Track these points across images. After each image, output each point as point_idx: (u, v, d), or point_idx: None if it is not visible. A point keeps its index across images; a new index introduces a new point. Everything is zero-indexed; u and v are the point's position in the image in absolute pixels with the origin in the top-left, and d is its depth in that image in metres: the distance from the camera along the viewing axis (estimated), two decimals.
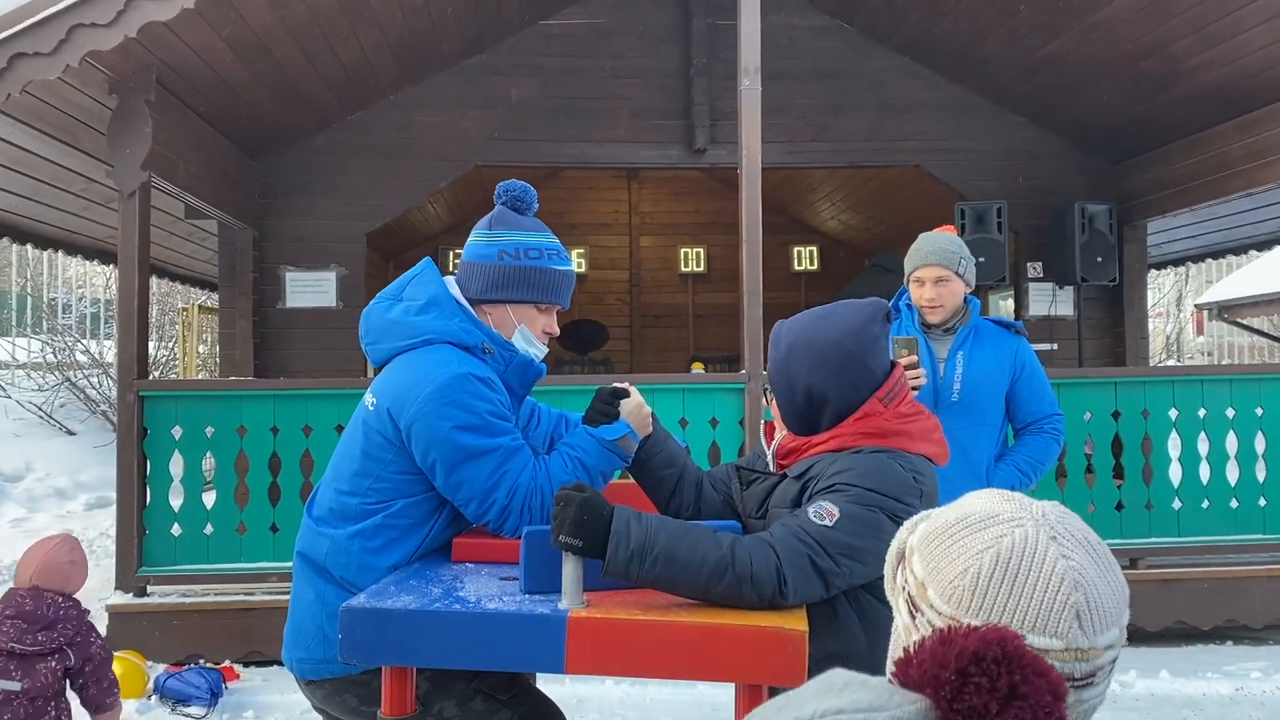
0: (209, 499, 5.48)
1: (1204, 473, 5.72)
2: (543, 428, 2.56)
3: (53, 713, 2.89)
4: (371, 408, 2.19)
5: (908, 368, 3.21)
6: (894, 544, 1.13)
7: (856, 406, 2.00)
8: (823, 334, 2.01)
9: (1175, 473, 5.76)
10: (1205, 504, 5.67)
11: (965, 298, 3.52)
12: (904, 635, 1.07)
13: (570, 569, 1.80)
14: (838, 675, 0.87)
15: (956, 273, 3.44)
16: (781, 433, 2.13)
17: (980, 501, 1.08)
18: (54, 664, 2.85)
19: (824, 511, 1.84)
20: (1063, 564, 1.00)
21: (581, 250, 12.29)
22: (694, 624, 1.73)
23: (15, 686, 2.79)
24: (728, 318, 12.12)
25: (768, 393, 2.15)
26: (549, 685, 3.22)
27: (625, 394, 2.32)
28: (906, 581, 1.08)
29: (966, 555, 1.02)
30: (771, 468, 2.16)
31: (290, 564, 5.20)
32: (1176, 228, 9.72)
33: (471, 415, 2.08)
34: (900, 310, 3.59)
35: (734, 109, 5.73)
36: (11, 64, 4.59)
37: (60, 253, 9.20)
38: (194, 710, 4.50)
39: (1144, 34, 6.25)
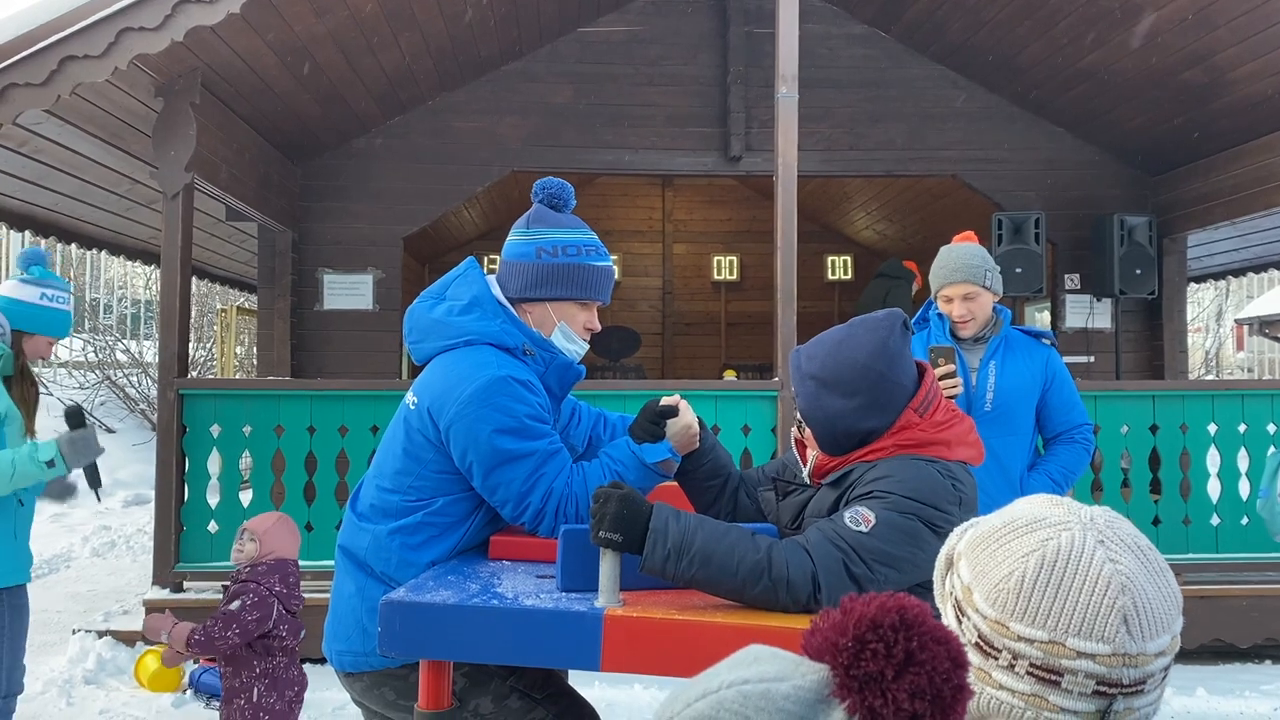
0: (246, 497, 5.56)
1: (1243, 489, 5.64)
2: (583, 426, 2.56)
3: None
4: (413, 407, 2.21)
5: (943, 377, 3.22)
6: (943, 550, 1.13)
7: (893, 421, 1.98)
8: (847, 361, 1.96)
9: (1214, 488, 5.69)
10: (1244, 520, 5.59)
11: (994, 307, 3.53)
12: None
13: (607, 567, 1.81)
14: (752, 650, 0.88)
15: (983, 286, 3.45)
16: (815, 451, 2.10)
17: (1028, 506, 1.07)
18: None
19: (860, 517, 1.83)
20: (1109, 568, 0.99)
21: (615, 257, 12.29)
22: (729, 624, 1.73)
23: (304, 633, 3.37)
24: (760, 326, 12.11)
25: (802, 428, 2.11)
26: (579, 688, 3.22)
27: (673, 413, 2.26)
28: (954, 587, 1.08)
29: (1012, 559, 1.02)
30: (806, 482, 2.16)
31: (325, 563, 5.26)
32: (1217, 241, 9.60)
33: (509, 418, 2.09)
34: (930, 320, 3.60)
35: (770, 117, 5.74)
36: (62, 66, 4.68)
37: (103, 253, 9.34)
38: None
39: (1187, 44, 6.18)
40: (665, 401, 2.28)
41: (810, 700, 0.82)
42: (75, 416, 3.17)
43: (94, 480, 3.22)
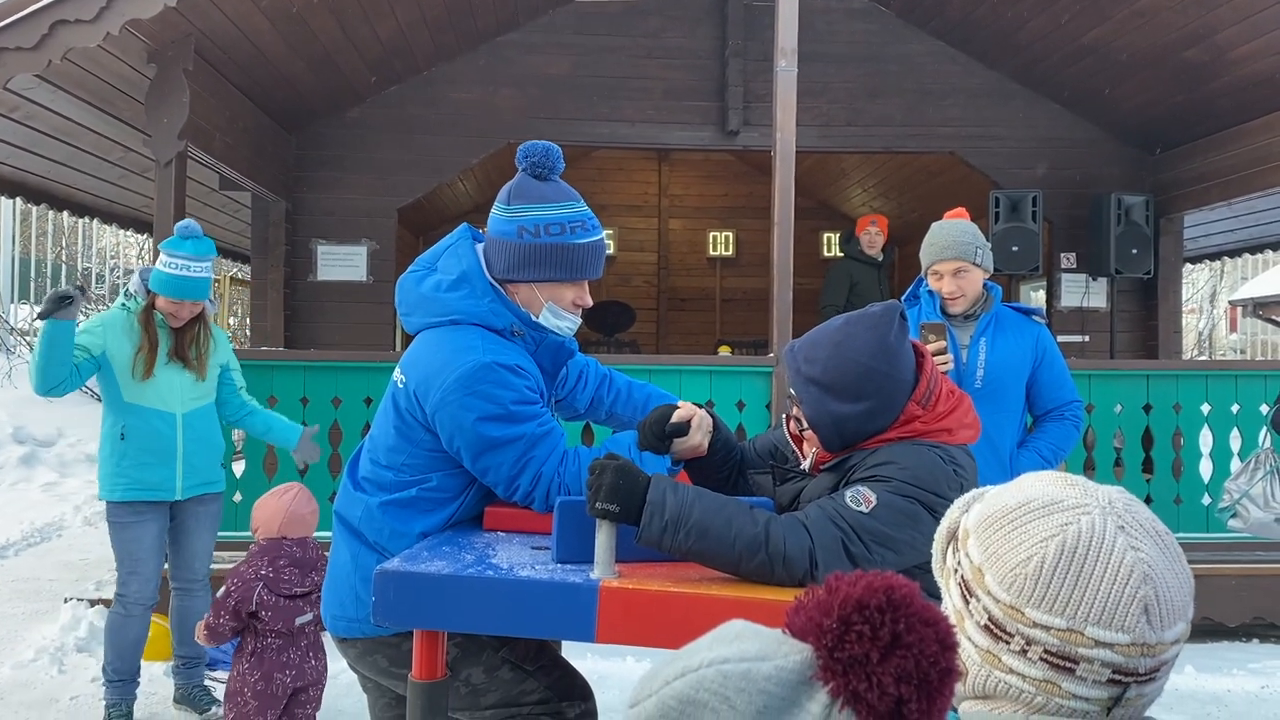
0: (238, 468, 5.54)
1: (1235, 469, 5.65)
2: (588, 390, 2.52)
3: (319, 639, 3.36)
4: (401, 385, 2.18)
5: (936, 354, 3.22)
6: (944, 523, 1.10)
7: (898, 416, 1.96)
8: (850, 364, 1.92)
9: (1206, 468, 5.71)
10: (1221, 515, 5.61)
11: (985, 284, 3.53)
12: (955, 620, 1.03)
13: (603, 539, 1.81)
14: (732, 626, 0.85)
15: (974, 262, 3.45)
16: (815, 448, 2.06)
17: (1041, 485, 1.04)
18: (316, 597, 3.22)
19: (861, 498, 1.83)
20: (1131, 555, 0.96)
21: (610, 232, 12.25)
22: (725, 597, 1.73)
23: (309, 617, 3.22)
24: (755, 303, 12.09)
25: (801, 426, 2.06)
26: (571, 660, 3.23)
27: (683, 432, 2.13)
28: (960, 564, 1.05)
29: (1029, 543, 0.99)
30: (805, 470, 2.14)
31: (320, 534, 5.24)
32: (1213, 221, 9.59)
33: (494, 405, 2.05)
34: (920, 298, 3.60)
35: (768, 91, 5.70)
36: (53, 30, 4.62)
37: (95, 221, 9.28)
38: (221, 674, 4.55)
39: (1188, 22, 6.15)
40: (678, 416, 2.15)
41: (792, 682, 0.79)
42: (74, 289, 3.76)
43: (46, 307, 3.69)
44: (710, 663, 0.80)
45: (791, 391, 2.03)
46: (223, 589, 3.22)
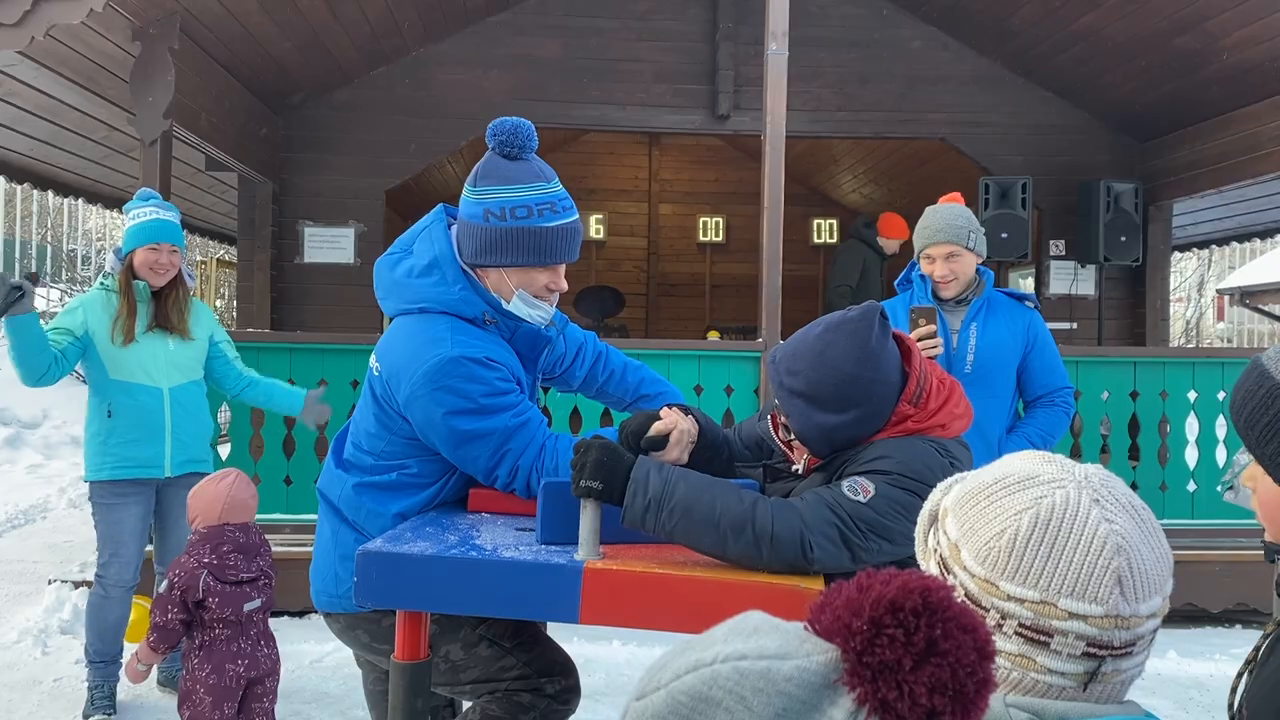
0: (224, 450, 5.51)
1: (1220, 456, 5.68)
2: (584, 367, 2.49)
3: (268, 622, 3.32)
4: (377, 373, 2.17)
5: (924, 338, 3.22)
6: (927, 506, 1.10)
7: (889, 416, 1.94)
8: (834, 374, 1.87)
9: (1191, 455, 5.73)
10: (1220, 487, 5.64)
11: (978, 269, 3.52)
12: None
13: (588, 520, 1.80)
14: (750, 618, 0.80)
15: (966, 246, 3.46)
16: (804, 454, 2.03)
17: (1019, 462, 1.04)
18: (264, 583, 3.23)
19: (859, 487, 1.82)
20: (1105, 527, 0.96)
21: (600, 216, 12.22)
22: (709, 579, 1.73)
23: (258, 603, 3.19)
24: (744, 289, 12.07)
25: (789, 434, 2.01)
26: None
27: (660, 445, 2.07)
28: (939, 543, 1.05)
29: (1004, 516, 0.99)
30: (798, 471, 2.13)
31: (306, 516, 5.22)
32: (1202, 210, 9.60)
33: (464, 400, 2.02)
34: (913, 282, 3.60)
35: (759, 76, 5.67)
36: (36, 6, 4.55)
37: (81, 201, 9.20)
38: None
39: (1180, 9, 6.13)
40: (659, 428, 2.08)
41: (815, 684, 0.74)
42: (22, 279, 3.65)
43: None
44: (726, 658, 0.75)
45: (777, 403, 2.00)
46: (164, 583, 3.12)
